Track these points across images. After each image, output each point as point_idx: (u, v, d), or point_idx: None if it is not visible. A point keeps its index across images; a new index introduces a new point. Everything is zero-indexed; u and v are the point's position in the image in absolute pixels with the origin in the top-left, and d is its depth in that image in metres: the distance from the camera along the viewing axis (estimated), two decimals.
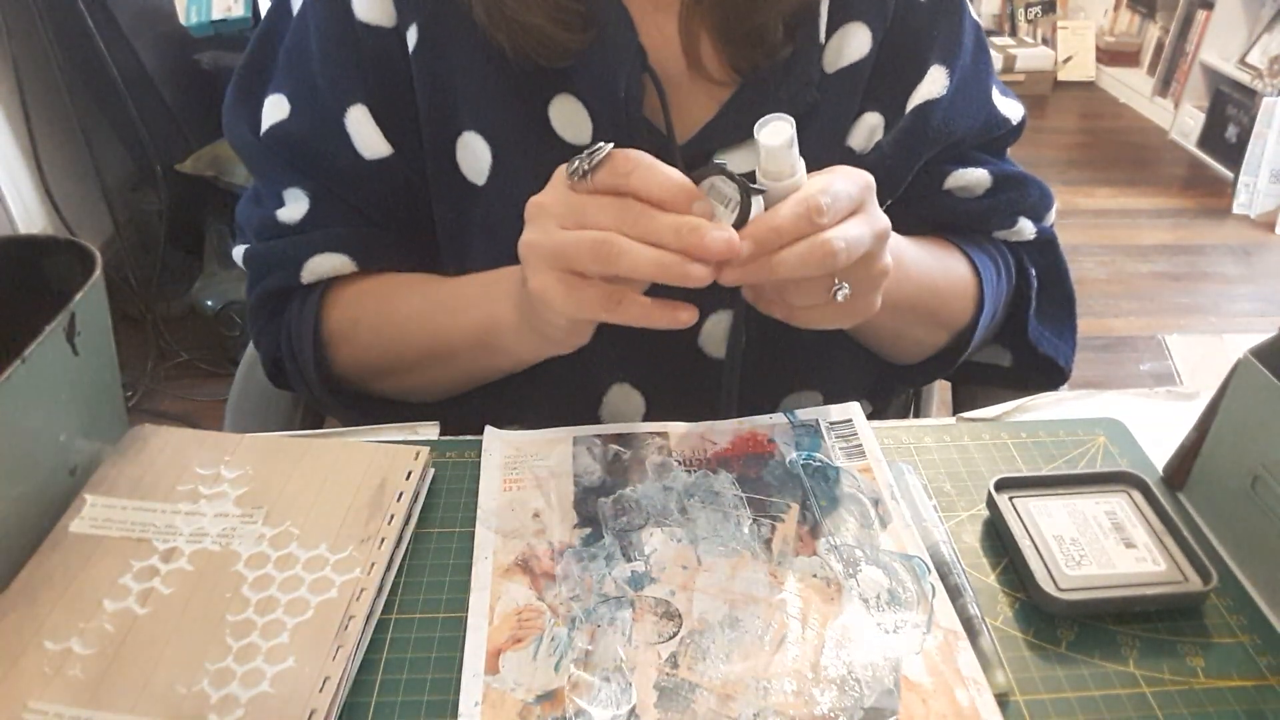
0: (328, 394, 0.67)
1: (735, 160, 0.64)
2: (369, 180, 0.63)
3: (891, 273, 0.52)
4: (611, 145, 0.47)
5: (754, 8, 0.60)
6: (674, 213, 0.46)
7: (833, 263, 0.46)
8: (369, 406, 0.69)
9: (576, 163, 0.47)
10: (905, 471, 0.55)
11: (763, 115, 0.63)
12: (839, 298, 0.50)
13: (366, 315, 0.65)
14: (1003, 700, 0.42)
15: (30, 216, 1.99)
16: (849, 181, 0.48)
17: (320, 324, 0.66)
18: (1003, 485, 0.52)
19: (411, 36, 0.61)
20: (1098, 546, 0.49)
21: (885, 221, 0.50)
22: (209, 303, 2.00)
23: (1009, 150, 0.71)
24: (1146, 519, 0.50)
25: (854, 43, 0.63)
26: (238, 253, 0.68)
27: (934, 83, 0.63)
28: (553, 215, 0.48)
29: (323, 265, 0.64)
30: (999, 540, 0.51)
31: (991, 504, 0.52)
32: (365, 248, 0.65)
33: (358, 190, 0.64)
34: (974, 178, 0.66)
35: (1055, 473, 0.55)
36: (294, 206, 0.65)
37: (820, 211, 0.46)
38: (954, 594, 0.47)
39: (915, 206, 0.66)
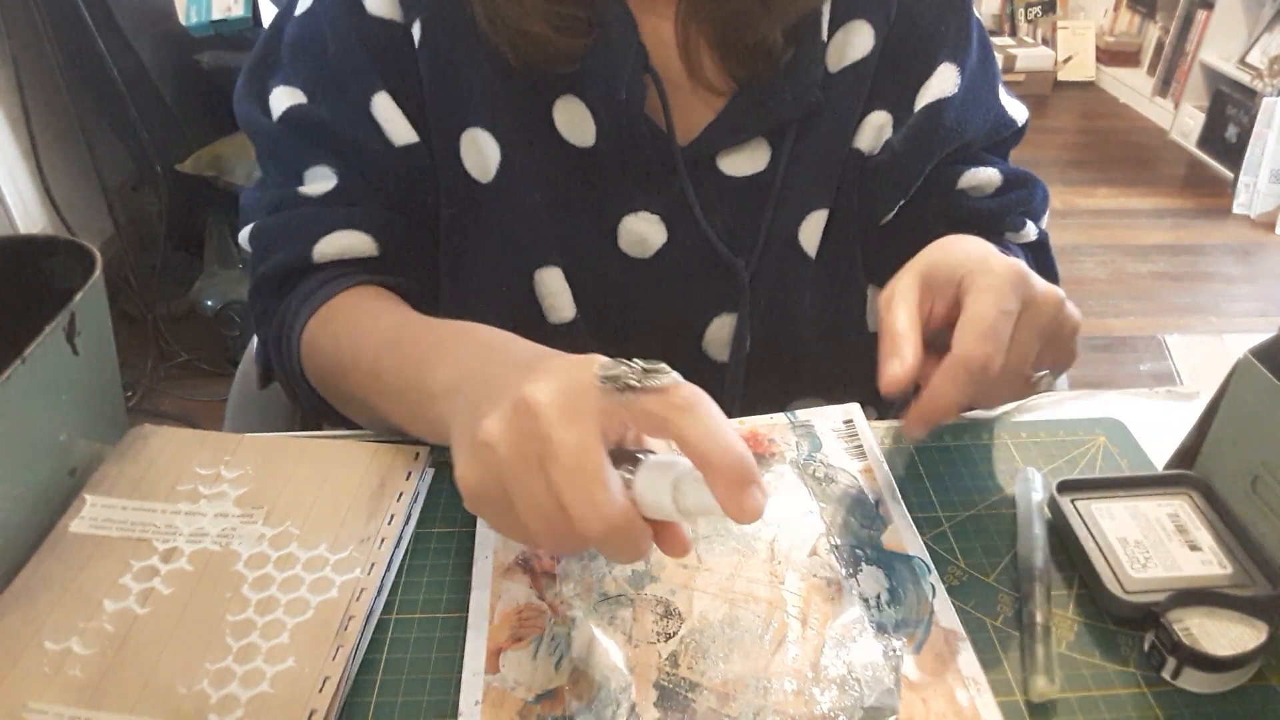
0: (310, 395, 0.62)
1: (736, 163, 0.63)
2: (398, 166, 0.62)
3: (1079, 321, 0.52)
4: (675, 375, 0.38)
5: (753, 22, 0.59)
6: (718, 475, 0.36)
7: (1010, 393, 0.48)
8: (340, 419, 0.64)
9: (619, 371, 0.37)
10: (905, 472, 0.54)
11: (765, 116, 0.63)
12: (1042, 386, 0.51)
13: (331, 339, 0.59)
14: (1003, 701, 0.42)
15: (30, 216, 1.99)
16: (999, 298, 0.46)
17: (304, 331, 0.61)
18: (1065, 487, 0.51)
19: (416, 31, 0.60)
20: (1162, 549, 0.48)
21: (1050, 299, 0.48)
22: (209, 303, 2.00)
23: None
24: (1210, 522, 0.50)
25: (857, 41, 0.62)
26: (244, 234, 0.64)
27: (945, 80, 0.63)
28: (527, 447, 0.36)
29: (340, 242, 0.60)
30: (998, 540, 0.51)
31: (1054, 506, 0.51)
32: (389, 230, 0.62)
33: (387, 176, 0.62)
34: (985, 176, 0.66)
35: (1116, 475, 0.54)
36: (320, 183, 0.62)
37: (986, 368, 0.45)
38: (1025, 599, 0.47)
39: (930, 205, 0.66)
